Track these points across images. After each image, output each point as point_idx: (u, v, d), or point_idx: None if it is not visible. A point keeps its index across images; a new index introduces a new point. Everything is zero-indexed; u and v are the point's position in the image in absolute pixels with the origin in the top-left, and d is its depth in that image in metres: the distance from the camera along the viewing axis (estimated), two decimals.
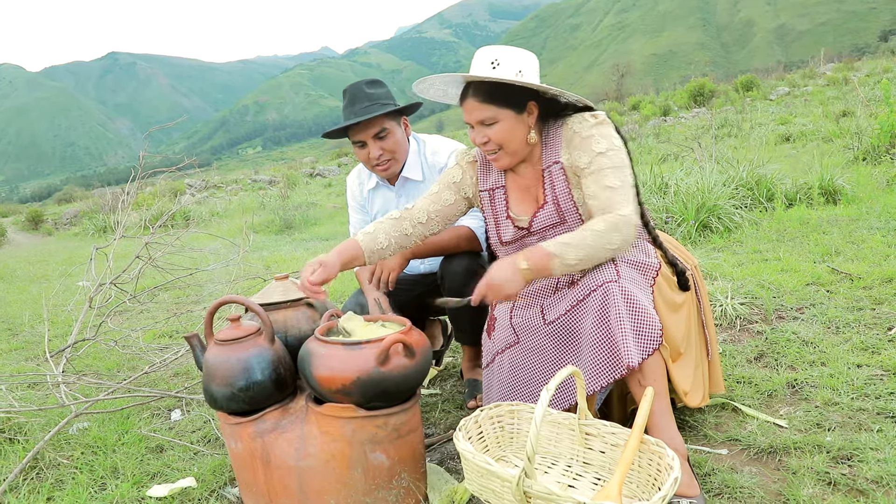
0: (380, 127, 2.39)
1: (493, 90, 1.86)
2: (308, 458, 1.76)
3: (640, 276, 1.85)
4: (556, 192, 1.96)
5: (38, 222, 20.15)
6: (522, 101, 1.89)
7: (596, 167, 1.85)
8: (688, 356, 1.97)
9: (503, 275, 1.76)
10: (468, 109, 1.91)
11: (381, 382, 1.69)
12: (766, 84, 25.47)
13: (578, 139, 1.90)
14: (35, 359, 3.78)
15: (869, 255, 3.69)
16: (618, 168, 1.85)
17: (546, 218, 1.99)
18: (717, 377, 2.18)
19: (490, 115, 1.87)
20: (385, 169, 2.49)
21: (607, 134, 1.89)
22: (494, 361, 2.10)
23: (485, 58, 1.87)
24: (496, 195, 2.09)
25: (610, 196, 1.81)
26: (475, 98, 1.88)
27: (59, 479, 2.24)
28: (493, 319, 2.14)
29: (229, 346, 1.78)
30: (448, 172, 2.16)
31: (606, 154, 1.85)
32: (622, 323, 1.71)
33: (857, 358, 2.47)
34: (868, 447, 1.88)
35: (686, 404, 1.96)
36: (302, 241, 8.68)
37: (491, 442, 1.84)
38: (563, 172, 1.95)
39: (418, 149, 2.60)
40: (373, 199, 2.71)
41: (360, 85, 2.44)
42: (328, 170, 24.64)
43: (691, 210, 4.92)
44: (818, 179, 5.49)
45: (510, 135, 1.89)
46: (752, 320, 3.04)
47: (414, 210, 2.10)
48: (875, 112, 8.93)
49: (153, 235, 4.10)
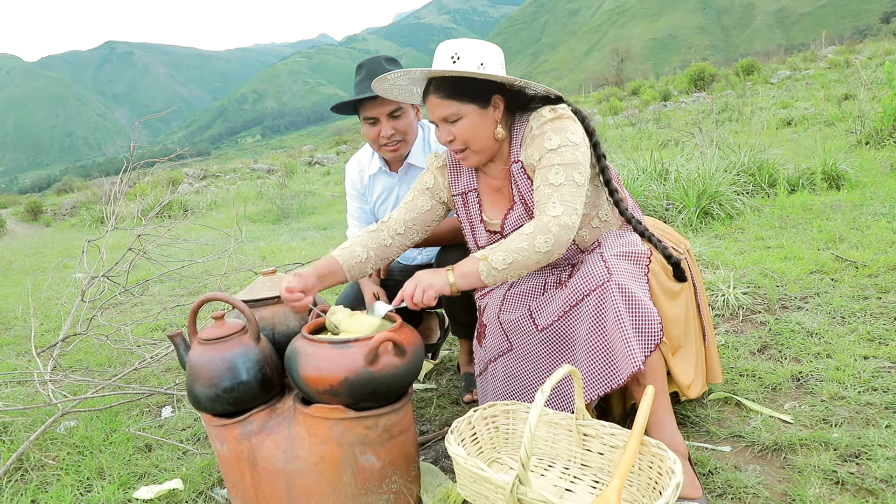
0: (396, 105, 2.31)
1: (454, 85, 1.78)
2: (296, 460, 1.70)
3: (634, 266, 1.76)
4: (520, 191, 1.89)
5: (38, 213, 20.05)
6: (486, 95, 1.80)
7: (546, 163, 1.77)
8: (687, 347, 1.90)
9: (431, 278, 1.74)
10: (431, 106, 1.83)
11: (371, 382, 1.62)
12: (766, 68, 25.26)
13: (531, 136, 1.82)
14: (26, 354, 3.72)
15: (874, 242, 3.61)
16: (567, 165, 1.74)
17: (517, 219, 1.90)
18: (715, 366, 2.11)
19: (453, 112, 1.79)
20: (394, 150, 2.40)
21: (562, 129, 1.78)
22: (487, 370, 2.03)
23: (445, 52, 1.79)
24: (469, 199, 2.00)
25: (549, 194, 1.73)
26: (437, 94, 1.80)
27: (45, 481, 2.18)
28: (483, 326, 2.05)
29: (213, 346, 1.71)
30: (421, 178, 2.07)
31: (558, 150, 1.76)
32: (623, 327, 1.63)
33: (863, 349, 2.41)
34: (877, 444, 1.82)
35: (687, 397, 1.90)
36: (299, 230, 8.60)
37: (485, 443, 1.77)
38: (523, 171, 1.87)
39: (423, 136, 2.52)
40: (373, 186, 2.62)
41: (379, 60, 2.35)
42: (327, 158, 24.51)
43: (692, 197, 4.84)
44: (821, 164, 5.41)
45: (475, 131, 1.81)
46: (754, 310, 2.97)
47: (391, 221, 2.01)
48: (877, 95, 8.84)
49: (145, 227, 4.03)
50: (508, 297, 1.99)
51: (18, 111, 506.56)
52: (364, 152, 2.62)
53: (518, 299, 1.96)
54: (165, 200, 4.51)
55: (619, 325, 1.64)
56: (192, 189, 18.24)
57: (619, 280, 1.68)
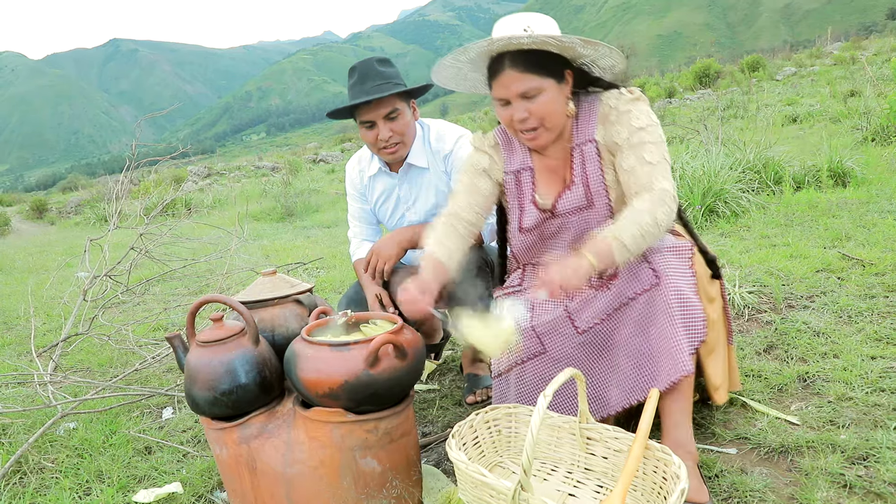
0: (391, 107, 2.27)
1: (533, 58, 1.69)
2: (296, 464, 1.68)
3: (677, 260, 1.73)
4: (586, 172, 1.83)
5: (42, 211, 20.06)
6: (560, 70, 1.74)
7: (637, 140, 1.74)
8: (718, 350, 1.87)
9: (569, 274, 1.54)
10: (506, 82, 1.71)
11: (371, 385, 1.59)
12: (772, 64, 25.13)
13: (615, 114, 1.78)
14: (27, 354, 3.71)
15: (881, 240, 3.57)
16: (657, 144, 1.73)
17: (572, 200, 1.85)
18: (735, 372, 2.06)
19: (534, 86, 1.70)
20: (393, 152, 2.36)
21: (645, 110, 1.77)
22: (512, 372, 1.94)
23: (514, 25, 1.71)
24: (522, 177, 1.94)
25: (650, 171, 1.70)
26: (515, 68, 1.69)
27: (43, 484, 2.16)
28: None
29: (211, 348, 1.69)
30: (473, 160, 1.99)
31: (646, 129, 1.74)
32: (676, 333, 1.61)
33: (870, 349, 2.37)
34: (885, 446, 1.78)
35: (714, 402, 1.87)
36: (303, 228, 8.59)
37: (487, 447, 1.75)
38: (596, 151, 1.82)
39: (423, 134, 2.48)
40: (373, 186, 2.59)
41: (370, 62, 2.30)
42: (331, 155, 24.46)
43: (697, 194, 4.81)
44: (827, 161, 5.37)
45: (553, 106, 1.73)
46: (760, 309, 2.94)
47: (459, 211, 1.93)
48: (883, 92, 8.77)
49: (148, 226, 4.02)
50: (537, 306, 1.92)
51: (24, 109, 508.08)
52: (364, 152, 2.59)
53: (549, 300, 1.90)
54: (169, 199, 4.48)
55: (670, 330, 1.62)
56: (196, 187, 18.24)
57: (673, 283, 1.65)
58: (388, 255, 2.34)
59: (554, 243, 1.95)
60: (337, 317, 1.83)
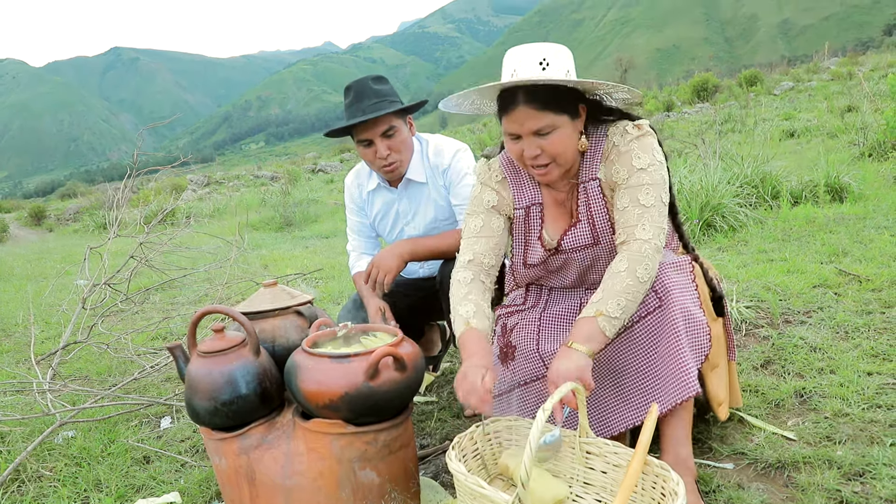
0: (388, 125, 2.29)
1: (549, 94, 1.65)
2: (295, 476, 1.68)
3: (679, 276, 1.75)
4: (591, 209, 1.81)
5: (41, 218, 20.05)
6: (575, 105, 1.71)
7: (635, 181, 1.70)
8: (720, 366, 1.89)
9: (570, 366, 1.53)
10: (520, 119, 1.66)
11: (371, 397, 1.61)
12: (770, 79, 25.23)
13: (616, 153, 1.75)
14: (26, 362, 3.71)
15: (877, 256, 3.60)
16: (655, 185, 1.70)
17: (578, 237, 1.83)
18: (736, 388, 2.07)
19: (548, 123, 1.65)
20: (392, 170, 2.38)
21: (649, 148, 1.73)
22: (513, 392, 1.95)
23: (531, 58, 1.66)
24: (532, 213, 1.91)
25: (639, 215, 1.67)
26: (530, 106, 1.64)
27: (41, 493, 2.16)
28: (512, 348, 1.96)
29: (212, 359, 1.70)
30: (480, 199, 1.93)
31: (646, 170, 1.71)
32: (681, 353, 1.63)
33: (867, 365, 2.39)
34: (881, 462, 1.80)
35: (718, 417, 1.88)
36: (301, 238, 8.60)
37: (487, 459, 1.76)
38: (599, 189, 1.80)
39: (421, 149, 2.50)
40: (372, 201, 2.62)
41: (365, 81, 2.33)
42: (330, 165, 24.50)
43: (695, 209, 4.83)
44: (824, 177, 5.40)
45: (566, 143, 1.70)
46: (758, 324, 2.96)
47: (479, 259, 1.88)
48: (880, 107, 8.81)
49: (147, 235, 4.03)
50: (546, 324, 1.94)
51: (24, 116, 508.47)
52: (362, 167, 2.61)
53: (556, 325, 1.92)
54: (169, 208, 4.50)
55: (676, 350, 1.64)
56: (195, 196, 18.25)
57: (677, 301, 1.67)
58: (389, 268, 2.35)
59: (560, 275, 1.97)
60: (337, 328, 1.84)
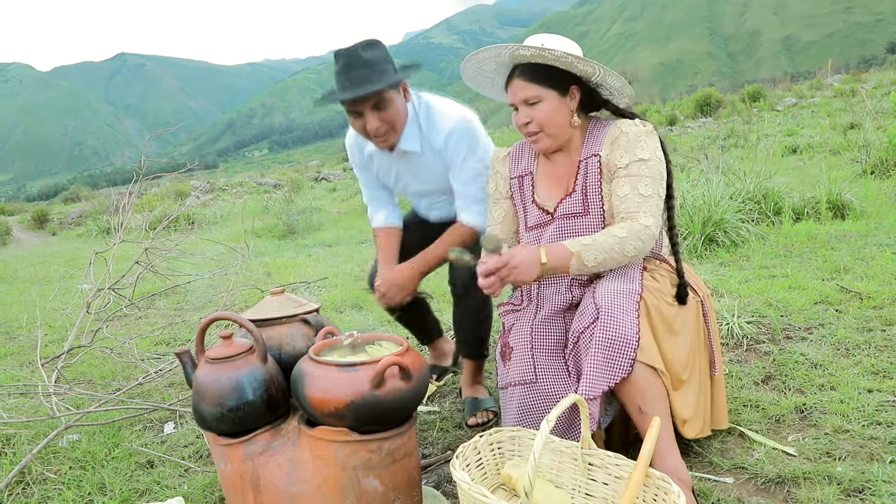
0: (378, 97, 2.15)
1: (538, 71, 1.92)
2: (299, 482, 1.70)
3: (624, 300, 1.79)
4: (587, 182, 1.99)
5: (44, 221, 20.11)
6: (566, 84, 1.95)
7: (634, 171, 1.89)
8: (690, 384, 1.90)
9: (525, 259, 1.77)
10: (514, 90, 1.97)
11: (376, 406, 1.62)
12: (773, 95, 25.33)
13: (625, 139, 1.93)
14: (30, 365, 3.73)
15: (878, 273, 3.61)
16: (654, 178, 1.88)
17: (570, 206, 2.01)
18: (721, 410, 2.08)
19: (534, 94, 1.93)
20: (383, 141, 2.28)
21: (653, 145, 1.92)
22: (508, 389, 2.04)
23: (534, 41, 1.93)
24: (524, 182, 2.14)
25: (639, 203, 1.85)
26: (521, 78, 1.94)
27: (46, 495, 2.18)
28: (510, 348, 2.05)
29: (220, 365, 1.72)
30: (496, 188, 2.22)
31: (648, 162, 1.89)
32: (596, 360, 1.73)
33: (867, 382, 2.40)
34: (881, 479, 1.81)
35: (682, 434, 1.88)
36: (304, 246, 8.61)
37: (490, 469, 1.77)
38: (598, 165, 1.98)
39: (416, 117, 2.37)
40: (372, 160, 2.55)
41: (355, 49, 2.12)
42: (333, 174, 24.56)
43: (697, 223, 4.85)
44: (826, 193, 5.42)
45: (553, 115, 1.94)
46: (759, 340, 2.97)
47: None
48: (883, 125, 8.85)
49: (152, 241, 4.05)
50: (538, 328, 2.00)
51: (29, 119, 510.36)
52: None
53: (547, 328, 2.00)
54: (174, 215, 4.54)
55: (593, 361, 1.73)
56: (199, 202, 18.30)
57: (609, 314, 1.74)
58: (404, 289, 2.38)
59: None
60: (343, 337, 1.86)
